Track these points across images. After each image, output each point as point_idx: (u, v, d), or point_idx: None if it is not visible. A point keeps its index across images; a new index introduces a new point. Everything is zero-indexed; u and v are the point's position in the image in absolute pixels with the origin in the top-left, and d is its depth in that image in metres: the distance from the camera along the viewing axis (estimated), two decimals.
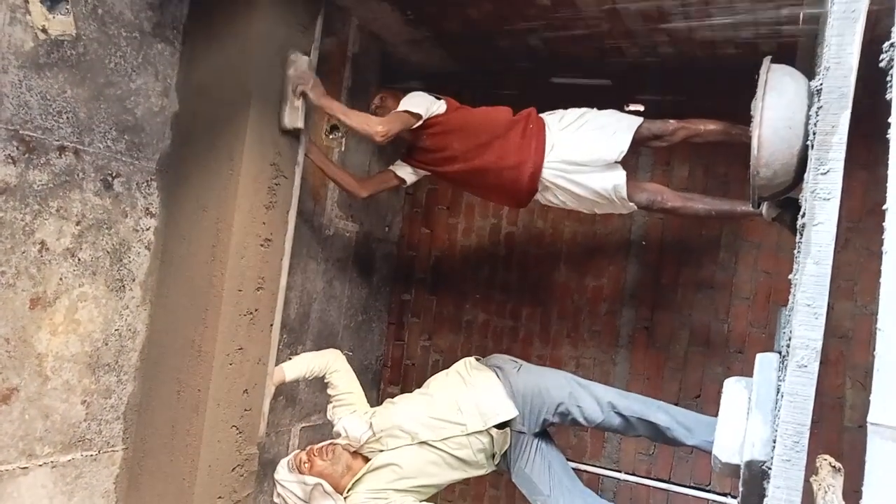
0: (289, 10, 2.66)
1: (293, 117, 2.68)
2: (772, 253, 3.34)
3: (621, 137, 2.77)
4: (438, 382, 2.78)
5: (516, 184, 2.85)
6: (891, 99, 0.90)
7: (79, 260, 2.40)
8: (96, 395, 2.52)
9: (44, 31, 2.19)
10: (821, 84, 1.15)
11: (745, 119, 2.07)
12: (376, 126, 2.70)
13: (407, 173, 3.11)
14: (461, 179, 3.03)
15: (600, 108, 2.92)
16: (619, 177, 2.77)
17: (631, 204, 2.83)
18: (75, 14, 2.28)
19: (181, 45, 2.66)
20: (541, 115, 2.91)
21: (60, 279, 2.35)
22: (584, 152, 2.78)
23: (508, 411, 2.61)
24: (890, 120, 0.88)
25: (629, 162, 2.88)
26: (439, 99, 2.94)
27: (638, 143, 2.85)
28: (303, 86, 2.65)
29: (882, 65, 0.93)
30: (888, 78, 0.92)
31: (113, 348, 2.56)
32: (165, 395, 2.61)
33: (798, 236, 1.19)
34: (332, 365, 2.84)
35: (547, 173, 2.81)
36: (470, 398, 2.62)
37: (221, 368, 2.56)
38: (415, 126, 2.87)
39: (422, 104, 2.86)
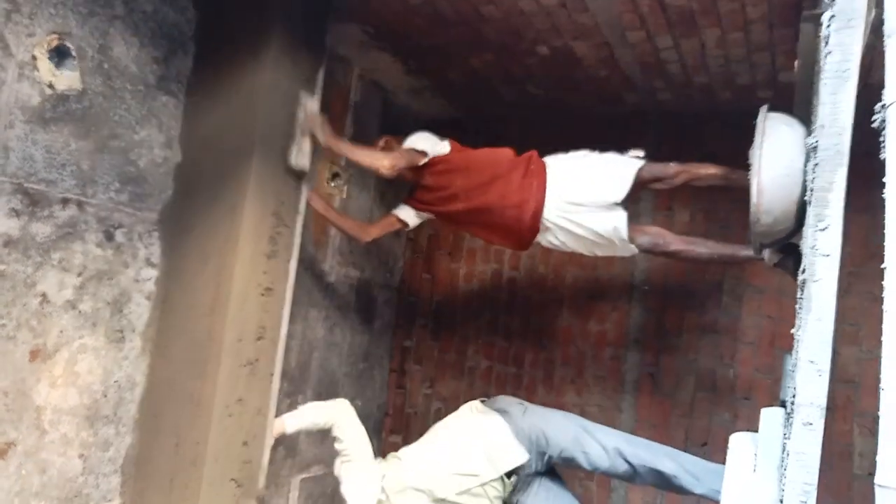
0: (292, 62, 2.71)
1: (300, 158, 2.74)
2: (775, 297, 3.32)
3: (622, 179, 2.79)
4: (445, 431, 2.74)
5: (518, 223, 2.86)
6: (885, 159, 0.91)
7: (79, 311, 2.40)
8: (94, 448, 2.49)
9: (51, 86, 2.23)
10: (816, 142, 1.16)
11: (744, 163, 2.09)
12: (383, 160, 2.76)
13: (410, 216, 3.13)
14: (464, 219, 3.04)
15: (601, 152, 2.95)
16: (620, 218, 2.78)
17: (632, 246, 2.82)
18: (82, 69, 2.32)
19: (185, 97, 2.70)
20: (543, 157, 2.94)
21: (61, 331, 2.34)
22: (585, 193, 2.79)
23: (519, 457, 2.57)
24: (885, 180, 0.89)
25: (630, 206, 2.89)
26: (443, 140, 2.98)
27: (639, 185, 2.86)
28: (311, 127, 2.73)
29: (875, 125, 0.93)
30: (881, 139, 0.92)
31: (112, 400, 2.54)
32: (164, 447, 2.57)
33: (799, 292, 1.18)
34: (339, 418, 2.77)
35: (548, 213, 2.82)
36: (479, 446, 2.59)
37: (220, 420, 2.53)
38: (420, 163, 2.90)
39: (427, 142, 2.91)
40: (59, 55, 2.25)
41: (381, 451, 3.94)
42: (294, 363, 3.30)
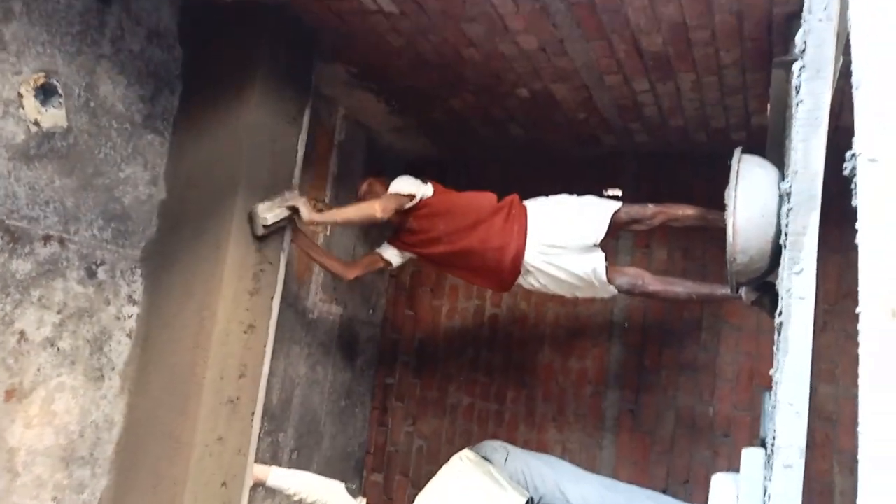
0: (278, 102, 2.74)
1: (268, 211, 2.62)
2: (752, 334, 3.37)
3: (600, 221, 2.85)
4: (437, 494, 2.68)
5: (499, 266, 2.90)
6: (856, 206, 0.94)
7: (58, 349, 2.36)
8: (68, 491, 2.43)
9: (36, 123, 2.24)
10: (790, 187, 1.21)
11: (720, 203, 2.14)
12: (375, 206, 2.82)
13: (393, 255, 3.15)
14: (446, 261, 3.08)
15: (580, 194, 3.01)
16: (599, 259, 2.83)
17: (612, 287, 2.87)
18: (68, 107, 2.33)
19: (171, 135, 2.72)
20: (524, 201, 2.99)
21: (38, 369, 2.31)
22: (564, 235, 2.85)
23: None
24: (857, 226, 0.92)
25: (609, 245, 2.94)
26: (426, 183, 3.02)
27: (617, 226, 2.92)
28: (295, 203, 2.69)
29: (846, 173, 0.97)
30: (853, 185, 0.97)
31: (88, 440, 2.49)
32: (141, 488, 2.52)
33: (776, 334, 1.21)
34: (331, 500, 2.72)
35: (529, 256, 2.86)
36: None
37: (200, 460, 2.49)
38: (408, 206, 2.94)
39: (413, 185, 2.96)
40: (46, 93, 2.27)
41: (363, 490, 3.89)
42: (275, 401, 3.27)
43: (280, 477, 2.73)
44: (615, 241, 3.57)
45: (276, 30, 2.70)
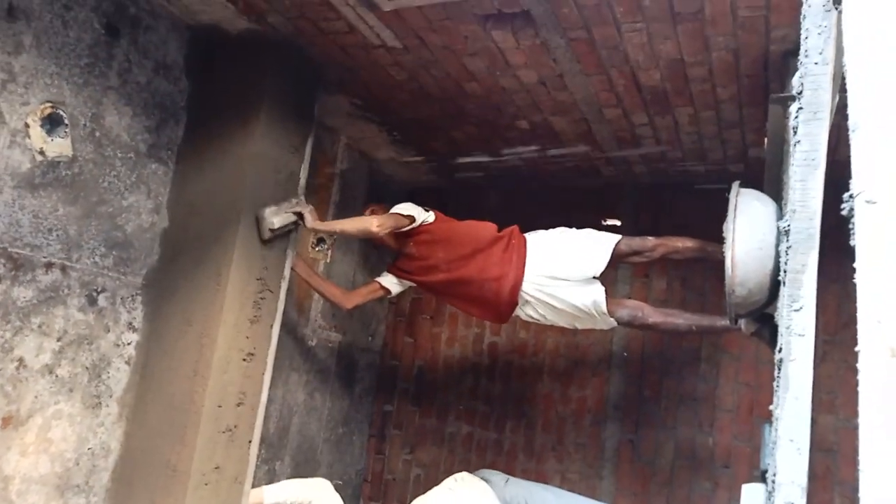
0: (282, 132, 2.77)
1: (274, 215, 2.67)
2: (752, 365, 3.37)
3: (600, 253, 2.87)
4: (425, 499, 2.71)
5: (497, 296, 2.90)
6: (854, 245, 0.96)
7: (56, 377, 2.36)
8: None
9: (41, 153, 2.26)
10: (789, 225, 1.23)
11: (718, 235, 2.16)
12: (372, 221, 2.84)
13: (392, 283, 3.16)
14: (444, 290, 3.09)
15: (579, 226, 3.03)
16: (599, 292, 2.84)
17: (611, 319, 2.88)
18: (74, 136, 2.36)
19: (175, 164, 2.74)
20: (524, 234, 3.01)
21: (36, 397, 2.30)
22: (564, 267, 2.86)
23: None
24: (856, 265, 0.94)
25: (608, 275, 2.95)
26: (427, 210, 3.04)
27: (617, 258, 2.94)
28: (301, 209, 2.73)
29: (844, 213, 0.99)
30: (850, 226, 0.98)
31: (84, 468, 2.47)
32: None
33: (776, 370, 1.22)
34: (320, 495, 2.73)
35: (527, 287, 2.87)
36: None
37: (196, 489, 2.47)
38: (406, 228, 2.96)
39: (413, 209, 2.99)
40: (52, 123, 2.29)
41: None
42: (273, 429, 3.25)
43: (274, 494, 2.72)
44: (614, 270, 3.58)
45: (281, 62, 2.75)
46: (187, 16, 2.62)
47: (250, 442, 2.71)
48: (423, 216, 3.00)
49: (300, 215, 2.72)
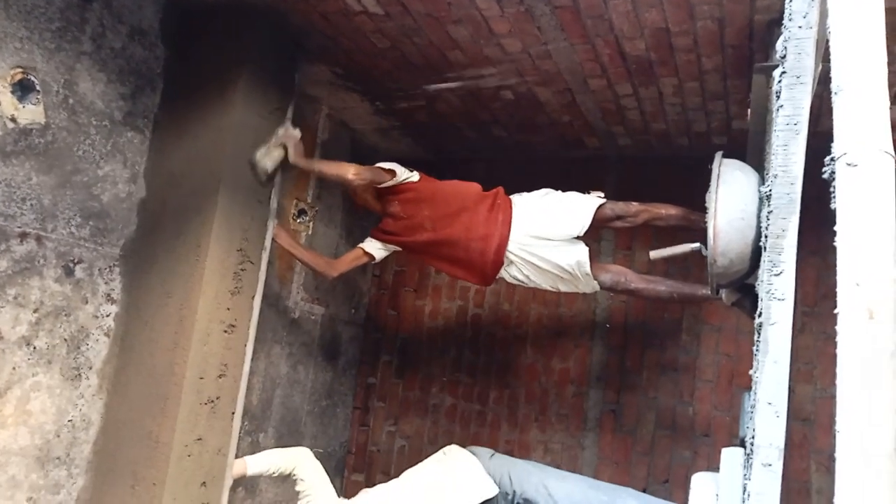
0: (262, 101, 2.73)
1: (265, 158, 2.69)
2: (732, 336, 3.41)
3: (583, 213, 2.87)
4: (416, 470, 2.75)
5: (483, 256, 2.90)
6: (835, 209, 0.96)
7: (34, 348, 2.33)
8: (44, 492, 2.40)
9: (13, 120, 2.20)
10: (770, 190, 1.22)
11: (701, 206, 2.17)
12: (349, 168, 2.84)
13: (376, 249, 3.15)
14: (429, 250, 3.07)
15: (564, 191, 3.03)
16: (582, 252, 2.85)
17: (594, 282, 2.88)
18: (45, 103, 2.30)
19: (151, 133, 2.69)
20: (508, 195, 3.01)
21: (13, 368, 2.27)
22: (548, 226, 2.87)
23: (489, 490, 2.59)
24: (836, 228, 0.94)
25: (591, 247, 2.95)
26: (412, 171, 3.02)
27: (601, 221, 2.94)
28: (286, 141, 2.73)
29: (825, 176, 0.99)
30: (831, 189, 0.98)
31: (65, 440, 2.46)
32: (119, 489, 2.49)
33: (756, 335, 1.23)
34: (300, 464, 2.75)
35: (512, 246, 2.87)
36: (450, 481, 2.61)
37: (179, 460, 2.46)
38: (387, 184, 2.94)
39: (395, 166, 2.97)
40: (23, 89, 2.23)
41: (344, 490, 3.87)
42: (256, 401, 3.25)
43: (256, 464, 2.73)
44: (597, 242, 3.59)
45: (261, 29, 2.69)
46: None
47: (233, 413, 2.71)
48: (406, 174, 2.98)
49: (285, 149, 2.73)
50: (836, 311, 0.95)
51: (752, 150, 2.34)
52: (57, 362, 2.41)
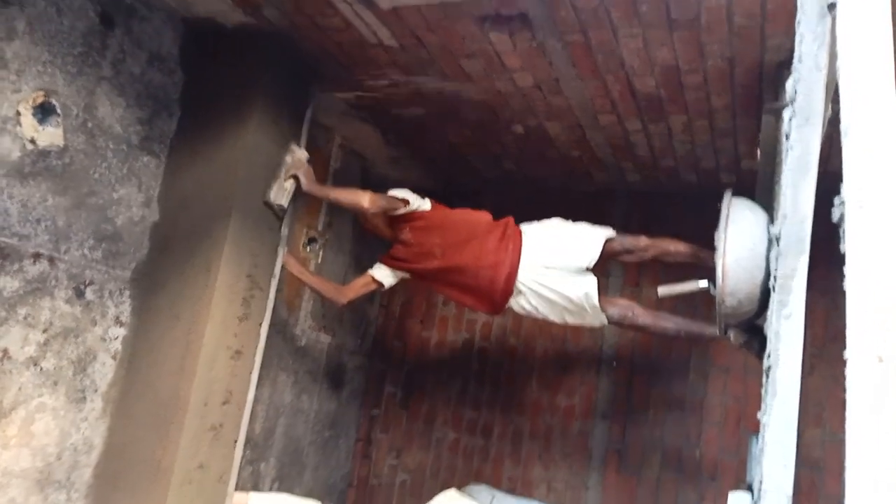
0: (275, 128, 2.76)
1: (279, 194, 2.76)
2: (740, 376, 3.37)
3: (593, 244, 2.88)
4: None
5: (493, 284, 2.90)
6: (844, 251, 0.96)
7: (41, 369, 2.33)
8: None
9: (32, 141, 2.24)
10: (779, 230, 1.23)
11: (709, 243, 2.16)
12: (364, 196, 2.87)
13: (385, 275, 3.15)
14: (438, 278, 3.07)
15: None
16: (591, 284, 2.84)
17: (602, 315, 2.87)
18: (65, 126, 2.34)
19: (167, 157, 2.73)
20: (518, 225, 3.02)
21: (19, 389, 2.27)
22: (557, 257, 2.87)
23: None
24: (846, 270, 0.94)
25: (599, 282, 2.94)
26: (424, 198, 3.04)
27: (609, 255, 2.94)
28: (296, 170, 2.78)
29: (834, 219, 0.99)
30: (840, 231, 0.98)
31: (66, 463, 2.44)
32: None
33: (764, 377, 1.22)
34: None
35: (522, 276, 2.87)
36: None
37: (180, 487, 2.44)
38: (400, 212, 2.96)
39: (408, 193, 2.99)
40: (44, 112, 2.27)
41: None
42: (259, 429, 3.22)
43: (260, 502, 2.69)
44: (605, 277, 3.58)
45: (276, 57, 2.74)
46: (183, 7, 2.61)
47: (236, 441, 2.69)
48: (419, 202, 3.00)
49: (296, 179, 2.78)
50: (845, 355, 0.94)
51: (762, 189, 2.34)
52: (63, 384, 2.41)
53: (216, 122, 2.69)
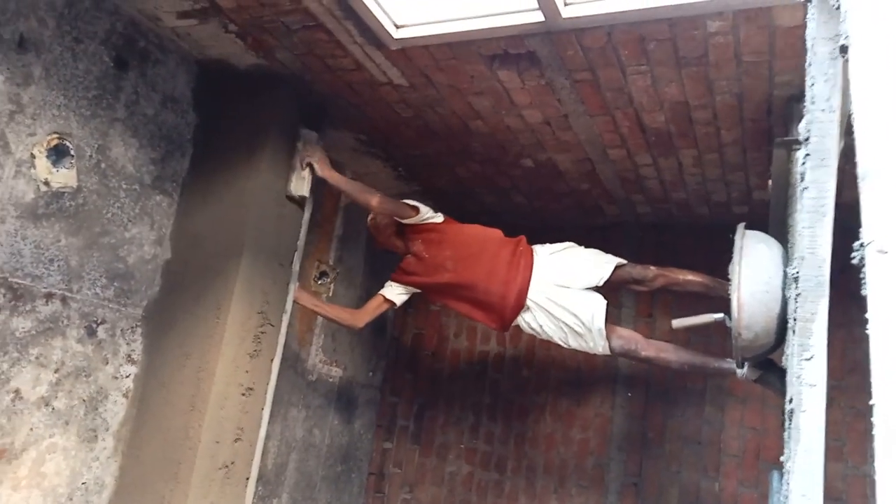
0: (286, 167, 2.79)
1: (299, 185, 2.80)
2: (757, 408, 3.32)
3: (603, 267, 2.88)
4: None
5: (503, 300, 2.88)
6: (866, 295, 0.94)
7: (52, 409, 2.33)
8: None
9: (46, 183, 2.26)
10: (797, 272, 1.21)
11: (721, 274, 2.15)
12: (375, 195, 2.88)
13: (396, 294, 3.14)
14: (449, 292, 3.05)
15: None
16: (599, 305, 2.81)
17: (605, 342, 2.82)
18: (79, 167, 2.37)
19: (179, 196, 2.75)
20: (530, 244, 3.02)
21: (31, 429, 2.26)
22: (568, 275, 2.87)
23: None
24: (868, 315, 0.92)
25: (611, 312, 2.91)
26: (437, 212, 3.06)
27: (618, 282, 2.93)
28: (309, 158, 2.81)
29: (854, 262, 0.98)
30: (861, 275, 0.96)
31: None
32: None
33: (787, 421, 1.20)
34: None
35: (532, 292, 2.86)
36: None
37: None
38: (410, 220, 2.97)
39: (419, 204, 3.00)
40: (58, 153, 2.30)
41: None
42: (270, 465, 3.20)
43: None
44: (618, 309, 3.56)
45: (288, 97, 2.77)
46: (196, 50, 2.65)
47: (247, 479, 2.67)
48: (430, 214, 3.01)
49: (311, 167, 2.82)
50: (866, 388, 0.93)
51: (774, 222, 2.33)
52: (74, 423, 2.40)
53: (228, 161, 2.71)
